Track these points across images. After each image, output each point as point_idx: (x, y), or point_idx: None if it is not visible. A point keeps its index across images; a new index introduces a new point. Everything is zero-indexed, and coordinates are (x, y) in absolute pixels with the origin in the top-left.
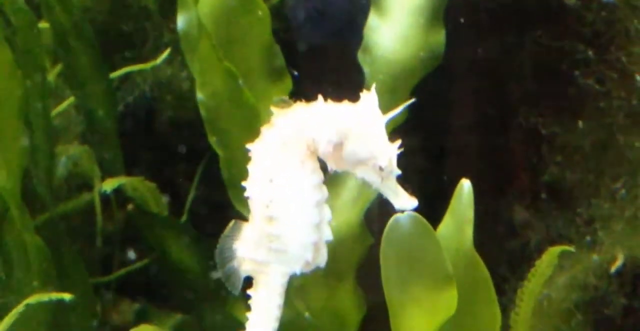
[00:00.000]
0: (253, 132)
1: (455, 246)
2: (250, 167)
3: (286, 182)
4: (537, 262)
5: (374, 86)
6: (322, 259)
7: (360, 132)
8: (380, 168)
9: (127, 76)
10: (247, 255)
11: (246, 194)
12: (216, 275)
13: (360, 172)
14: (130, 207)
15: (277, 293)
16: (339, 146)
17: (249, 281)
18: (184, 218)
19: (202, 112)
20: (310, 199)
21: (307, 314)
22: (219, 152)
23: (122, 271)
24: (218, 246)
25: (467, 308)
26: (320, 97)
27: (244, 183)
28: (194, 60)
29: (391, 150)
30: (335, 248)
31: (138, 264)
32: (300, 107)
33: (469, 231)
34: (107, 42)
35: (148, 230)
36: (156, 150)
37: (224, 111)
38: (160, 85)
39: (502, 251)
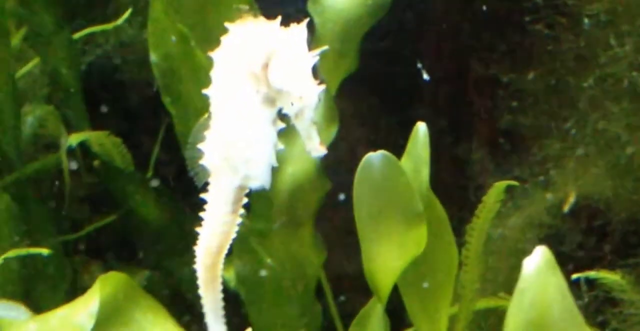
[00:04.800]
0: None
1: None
2: (212, 73)
3: (239, 93)
4: (485, 198)
5: (306, 21)
6: (265, 180)
7: (285, 59)
8: (296, 102)
9: (90, 37)
10: (206, 156)
11: (208, 96)
12: None
13: (281, 101)
14: (96, 162)
15: (228, 200)
16: (265, 67)
17: None
18: (149, 173)
19: (156, 73)
20: (258, 113)
21: (269, 261)
22: (172, 111)
23: (90, 227)
24: (189, 140)
25: (427, 247)
26: (279, 17)
27: (204, 91)
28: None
29: (310, 87)
30: (293, 196)
31: (106, 220)
32: (254, 22)
33: (425, 172)
34: (70, 5)
35: (114, 186)
36: (120, 109)
37: (176, 72)
38: (123, 45)
39: (461, 195)
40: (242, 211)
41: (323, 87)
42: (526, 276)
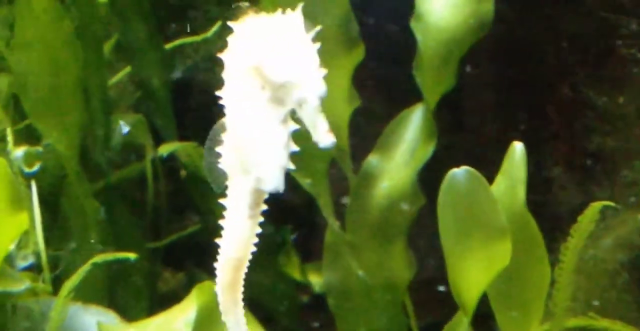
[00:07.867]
0: None
1: (508, 205)
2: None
3: (244, 93)
4: (580, 218)
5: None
6: (277, 182)
7: (280, 49)
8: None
9: (179, 48)
10: (223, 159)
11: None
12: None
13: (287, 97)
14: (183, 173)
15: (245, 203)
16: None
17: None
18: None
19: None
20: (265, 114)
21: (360, 272)
22: None
23: (174, 236)
24: (206, 144)
25: (520, 265)
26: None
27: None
28: None
29: (311, 73)
30: (387, 209)
31: (189, 230)
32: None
33: (521, 191)
34: (161, 16)
35: (199, 196)
36: (206, 121)
37: None
38: (211, 57)
39: (553, 215)
40: (261, 219)
41: (324, 71)
42: None
